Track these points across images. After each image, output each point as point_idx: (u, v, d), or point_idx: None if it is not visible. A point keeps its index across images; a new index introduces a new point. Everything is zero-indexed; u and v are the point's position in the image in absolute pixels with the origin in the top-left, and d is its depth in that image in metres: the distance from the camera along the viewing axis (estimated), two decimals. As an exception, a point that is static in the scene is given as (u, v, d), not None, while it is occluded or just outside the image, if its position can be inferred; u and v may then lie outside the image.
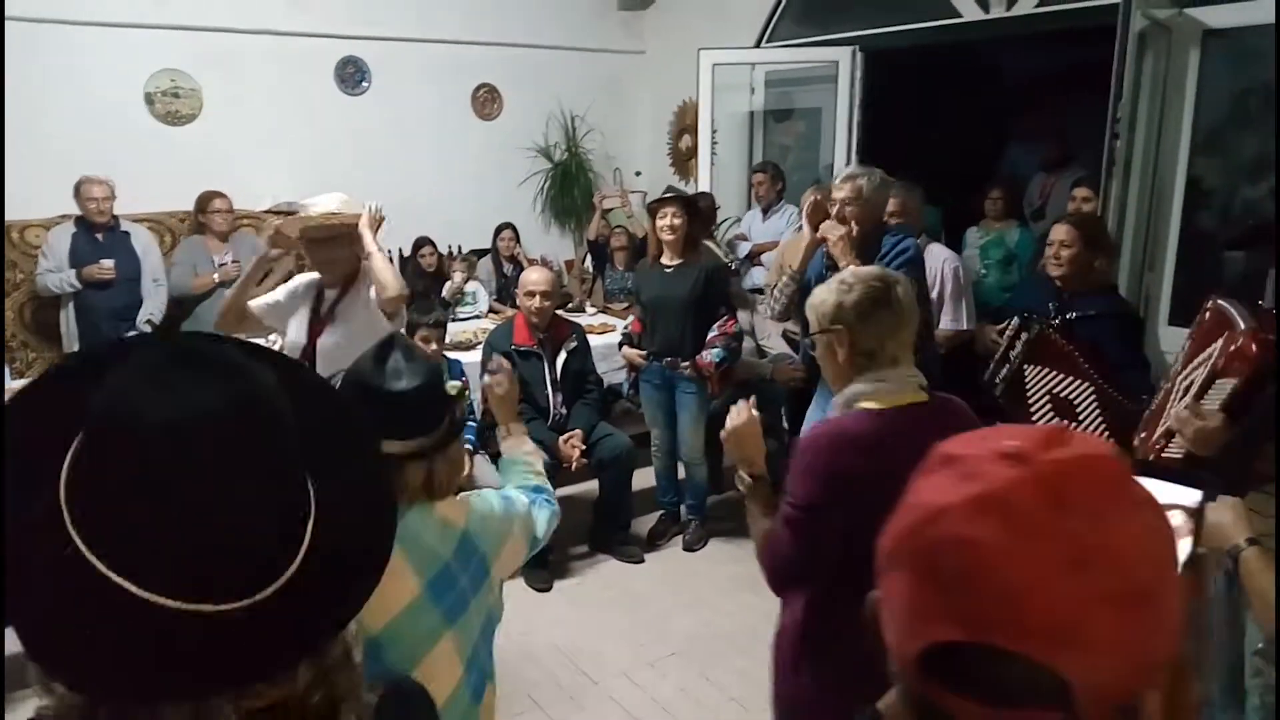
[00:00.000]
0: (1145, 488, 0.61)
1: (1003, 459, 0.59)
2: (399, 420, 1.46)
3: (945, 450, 0.65)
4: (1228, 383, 1.80)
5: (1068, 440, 0.61)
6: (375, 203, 3.15)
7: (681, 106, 6.84)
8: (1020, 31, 4.81)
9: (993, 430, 0.65)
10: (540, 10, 6.71)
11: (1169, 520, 0.62)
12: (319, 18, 5.87)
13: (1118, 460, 0.61)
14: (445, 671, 1.50)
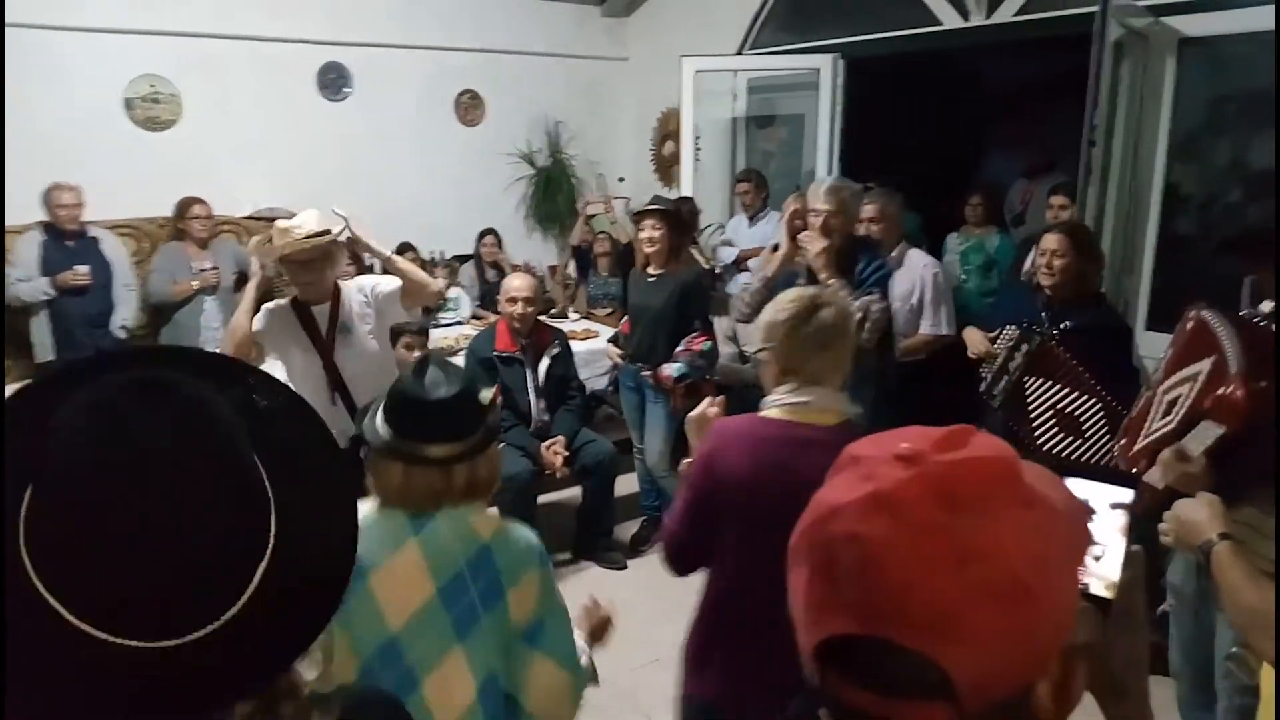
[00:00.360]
0: (1035, 489, 0.63)
1: (898, 460, 0.62)
2: (442, 426, 1.56)
3: (852, 451, 0.68)
4: (1213, 428, 1.76)
5: (965, 443, 0.64)
6: (340, 225, 3.06)
7: (665, 113, 6.85)
8: (1000, 39, 4.84)
9: (898, 432, 0.68)
10: (523, 17, 6.72)
11: (1060, 519, 0.64)
12: (300, 24, 5.85)
13: (1010, 462, 0.63)
14: (457, 687, 1.50)
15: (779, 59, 5.90)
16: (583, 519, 4.25)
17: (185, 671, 0.67)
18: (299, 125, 5.95)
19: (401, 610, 1.49)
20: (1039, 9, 4.48)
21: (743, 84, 6.19)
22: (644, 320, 4.04)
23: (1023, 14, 4.55)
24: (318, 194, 5.90)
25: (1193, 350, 1.99)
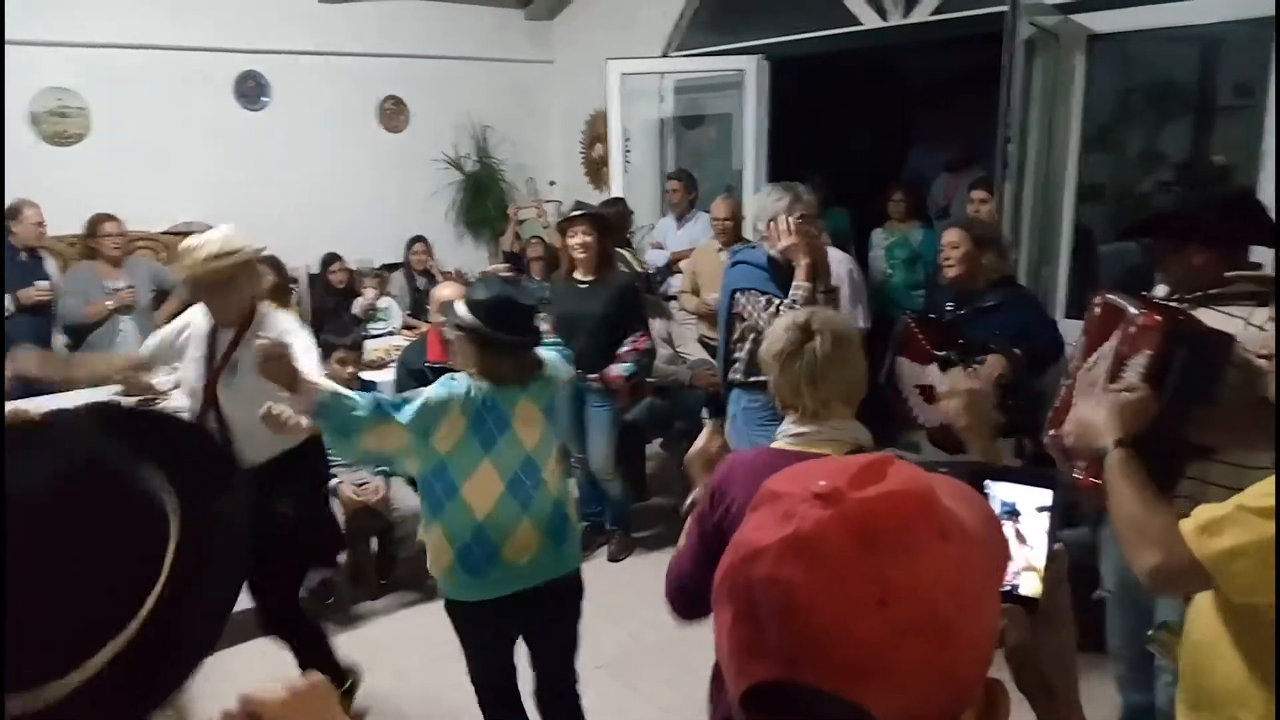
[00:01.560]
0: (953, 518, 0.63)
1: (816, 499, 0.61)
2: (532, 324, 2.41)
3: (770, 486, 0.67)
4: (1139, 358, 1.82)
5: (882, 475, 0.63)
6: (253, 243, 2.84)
7: (593, 115, 6.83)
8: (917, 38, 4.95)
9: (815, 465, 0.67)
10: (445, 21, 6.63)
11: (977, 546, 0.64)
12: (214, 33, 5.69)
13: (927, 494, 0.63)
14: (488, 487, 2.30)
15: (704, 61, 5.93)
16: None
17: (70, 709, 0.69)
18: (216, 136, 5.79)
19: (532, 436, 2.36)
20: (954, 8, 4.59)
21: (670, 85, 6.21)
22: (580, 328, 4.01)
23: (938, 13, 4.66)
24: (238, 206, 5.77)
25: (1104, 331, 2.05)
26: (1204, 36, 4.07)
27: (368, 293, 5.63)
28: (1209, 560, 1.30)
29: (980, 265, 3.18)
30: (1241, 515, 1.30)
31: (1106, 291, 2.11)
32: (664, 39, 6.15)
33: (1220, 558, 1.30)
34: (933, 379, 3.13)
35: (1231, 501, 1.34)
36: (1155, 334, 1.80)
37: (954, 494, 0.67)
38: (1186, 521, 1.35)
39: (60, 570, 0.68)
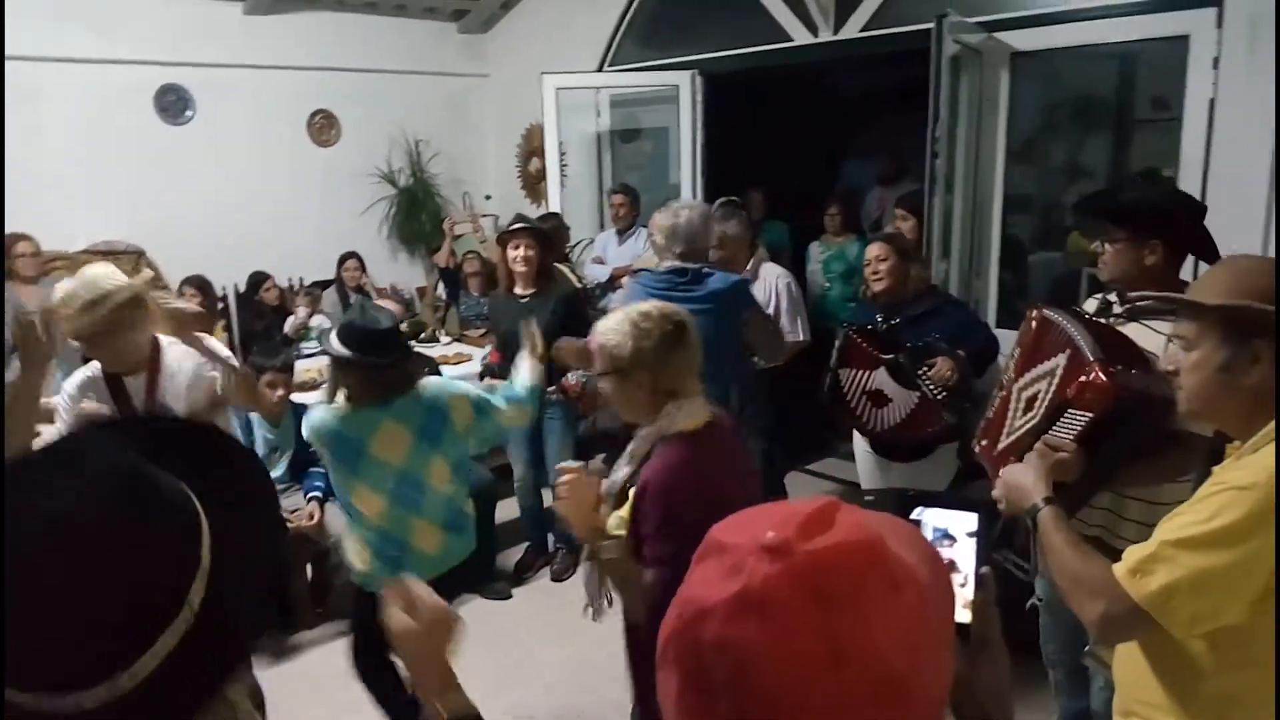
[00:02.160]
0: (902, 565, 0.62)
1: (764, 552, 0.59)
2: (388, 345, 2.51)
3: (716, 537, 0.64)
4: (1080, 415, 1.79)
5: (831, 523, 0.61)
6: (133, 279, 2.57)
7: (529, 129, 6.79)
8: (848, 54, 5.02)
9: (760, 513, 0.65)
10: (377, 34, 6.53)
11: (928, 593, 0.63)
12: (134, 45, 5.51)
13: (877, 544, 0.61)
14: (371, 500, 2.58)
15: (639, 76, 5.94)
16: (464, 550, 4.15)
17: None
18: (136, 151, 5.60)
19: (398, 454, 2.54)
20: (882, 25, 4.67)
21: (606, 99, 6.20)
22: None
23: (867, 30, 4.74)
24: (160, 224, 5.62)
25: (1042, 347, 2.06)
26: (1121, 54, 4.21)
27: (299, 311, 5.49)
28: (1146, 602, 1.32)
29: (907, 276, 3.24)
30: (1167, 551, 1.32)
31: (1043, 305, 2.12)
32: (599, 53, 6.15)
33: (1156, 598, 1.31)
34: (881, 383, 3.18)
35: (1155, 538, 1.36)
36: (1103, 400, 1.76)
37: (900, 536, 0.66)
38: (1118, 566, 1.37)
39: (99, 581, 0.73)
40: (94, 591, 0.72)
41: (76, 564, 0.71)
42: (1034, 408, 2.04)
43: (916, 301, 3.25)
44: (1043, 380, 2.03)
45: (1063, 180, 4.79)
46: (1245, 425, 1.39)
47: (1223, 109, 3.62)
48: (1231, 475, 1.32)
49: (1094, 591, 1.38)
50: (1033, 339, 2.12)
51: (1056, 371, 1.96)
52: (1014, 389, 2.15)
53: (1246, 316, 1.35)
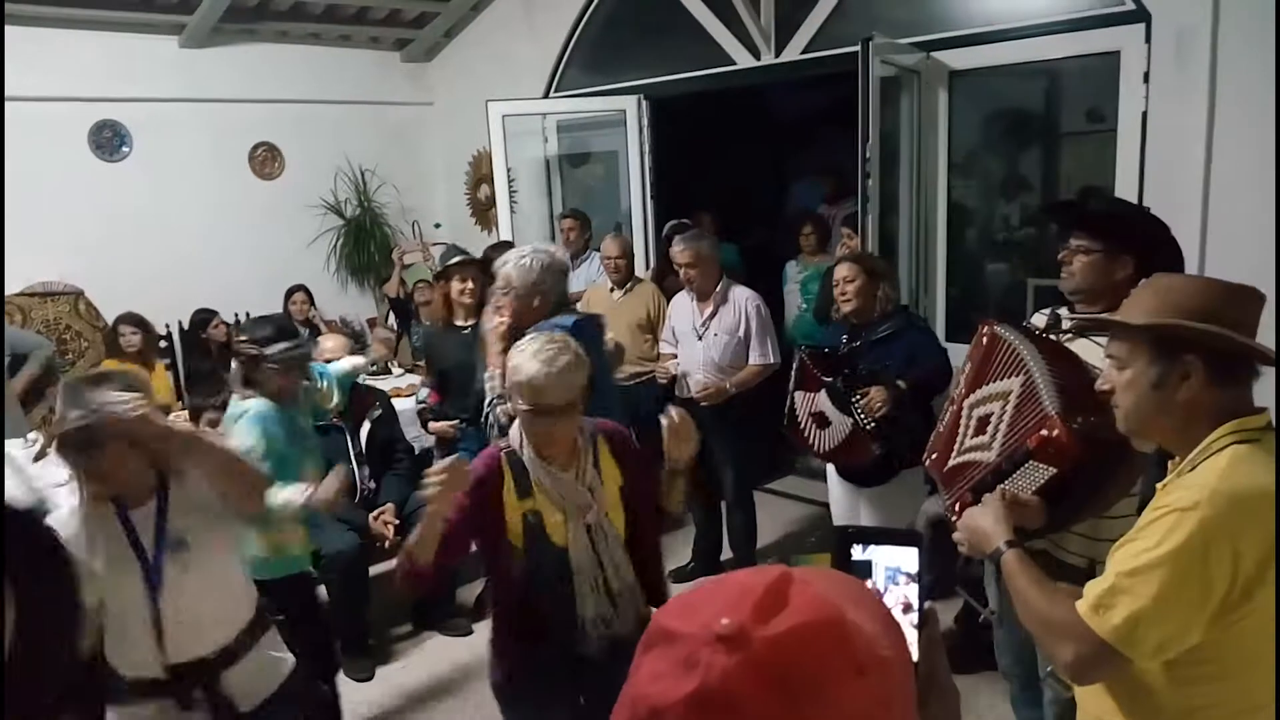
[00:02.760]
0: (862, 640, 0.58)
1: (720, 643, 0.55)
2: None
3: (663, 623, 0.60)
4: (1042, 468, 1.78)
5: (786, 601, 0.58)
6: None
7: (476, 156, 6.76)
8: (789, 77, 5.08)
9: (709, 594, 0.61)
10: (320, 64, 6.47)
11: (890, 668, 0.60)
12: (67, 81, 5.39)
13: (837, 623, 0.58)
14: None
15: (585, 101, 5.95)
16: (421, 587, 4.06)
17: None
18: (71, 190, 5.48)
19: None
20: (821, 48, 4.74)
21: (553, 124, 6.19)
22: (466, 376, 3.89)
23: (807, 52, 4.80)
24: (99, 263, 5.48)
25: (993, 366, 2.05)
26: (1056, 70, 4.31)
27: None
28: (1111, 636, 1.31)
29: (875, 297, 3.23)
30: (1124, 583, 1.32)
31: (993, 321, 2.12)
32: (544, 79, 6.15)
33: (1121, 631, 1.31)
34: (823, 406, 3.19)
35: (1110, 570, 1.36)
36: (1066, 457, 1.75)
37: (858, 602, 0.62)
38: (1080, 604, 1.36)
39: None
40: None
41: None
42: (987, 431, 2.02)
43: (883, 322, 3.24)
44: (995, 402, 2.02)
45: (1005, 194, 4.87)
46: (1182, 441, 1.41)
47: (1155, 122, 3.72)
48: (1174, 497, 1.33)
49: (1062, 634, 1.37)
50: (983, 355, 2.11)
51: (1010, 398, 1.95)
52: (965, 405, 2.15)
53: (1173, 334, 1.36)
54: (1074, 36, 3.89)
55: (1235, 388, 1.38)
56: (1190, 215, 3.64)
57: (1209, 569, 1.27)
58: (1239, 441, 1.33)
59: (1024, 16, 4.02)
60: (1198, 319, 1.35)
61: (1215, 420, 1.36)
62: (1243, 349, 1.35)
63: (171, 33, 5.77)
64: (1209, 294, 1.38)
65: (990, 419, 2.01)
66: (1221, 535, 1.26)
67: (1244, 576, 1.27)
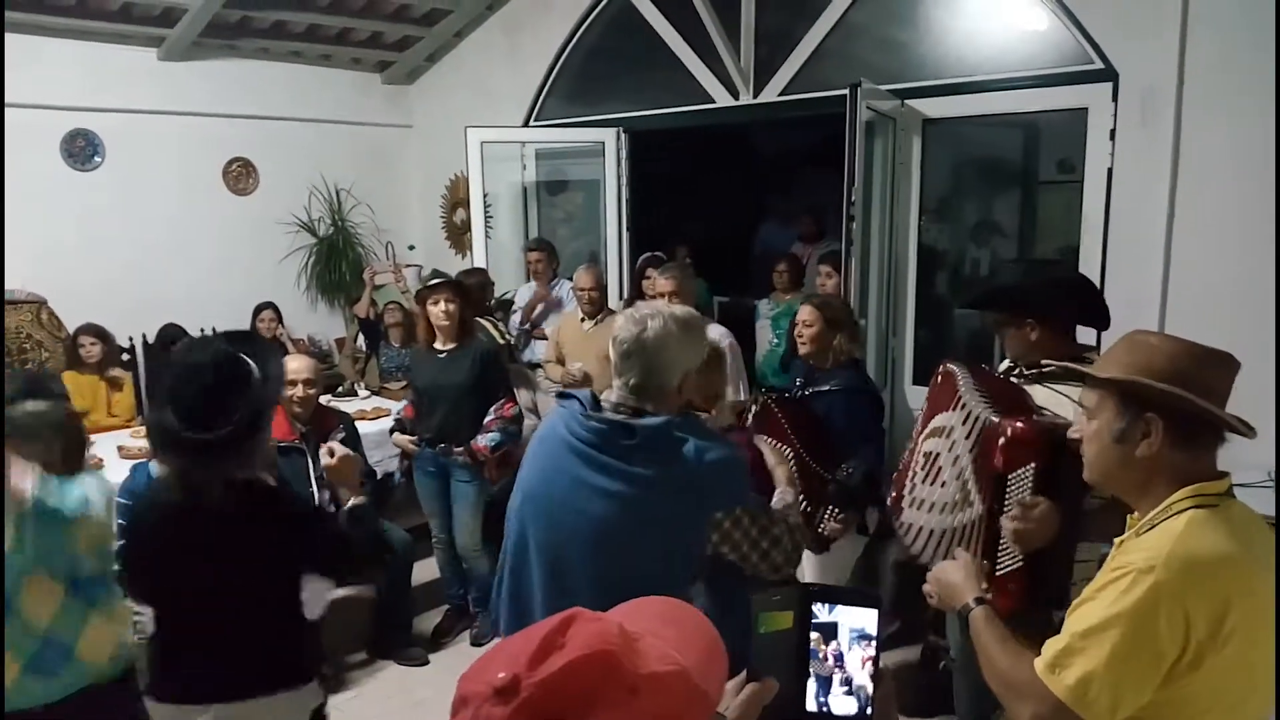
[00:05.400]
0: (641, 665, 0.63)
1: (497, 696, 0.60)
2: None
3: (459, 689, 0.65)
4: (1023, 472, 1.80)
5: (562, 642, 0.62)
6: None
7: (454, 179, 6.76)
8: (767, 117, 5.16)
9: (500, 649, 0.66)
10: (298, 83, 6.45)
11: (672, 682, 0.64)
12: (41, 88, 5.32)
13: (607, 653, 0.62)
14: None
15: (564, 131, 5.99)
16: (378, 614, 4.00)
17: (214, 447, 1.81)
18: (40, 198, 5.38)
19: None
20: (799, 90, 4.81)
21: (531, 151, 6.23)
22: (442, 398, 3.89)
23: (785, 94, 4.87)
24: (66, 272, 5.40)
25: (938, 402, 2.12)
26: (1025, 122, 4.41)
27: (211, 364, 5.29)
28: (1065, 695, 1.32)
29: (830, 345, 3.24)
30: (1078, 643, 1.33)
31: (949, 361, 2.19)
32: (524, 107, 6.18)
33: (1075, 690, 1.31)
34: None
35: (1066, 630, 1.37)
36: (1034, 448, 1.79)
37: (662, 617, 0.68)
38: (1038, 661, 1.37)
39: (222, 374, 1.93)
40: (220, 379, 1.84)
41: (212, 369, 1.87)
42: (935, 468, 2.06)
43: (831, 375, 3.23)
44: (936, 437, 2.07)
45: (975, 239, 4.96)
46: (1141, 497, 1.42)
47: (1120, 176, 3.82)
48: (1130, 558, 1.34)
49: (1022, 693, 1.38)
50: (937, 393, 2.18)
51: (952, 432, 1.99)
52: (919, 441, 2.20)
53: (1137, 391, 1.39)
54: (1044, 92, 3.99)
55: (1196, 451, 1.39)
56: (1152, 268, 3.73)
57: (1159, 632, 1.28)
58: (1198, 506, 1.35)
59: (996, 69, 4.12)
60: (1165, 379, 1.36)
61: (1175, 481, 1.38)
62: (1205, 414, 1.36)
63: (150, 45, 5.74)
64: (1179, 356, 1.39)
65: (934, 455, 2.07)
66: (1174, 600, 1.27)
67: (1195, 642, 1.28)
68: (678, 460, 1.82)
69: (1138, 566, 1.30)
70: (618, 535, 1.82)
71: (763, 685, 0.82)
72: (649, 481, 1.82)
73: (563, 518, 1.88)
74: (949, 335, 4.90)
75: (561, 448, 1.91)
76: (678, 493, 1.83)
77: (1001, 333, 2.34)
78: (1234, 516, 1.36)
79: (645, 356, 1.89)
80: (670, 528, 1.83)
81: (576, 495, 1.86)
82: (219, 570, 1.92)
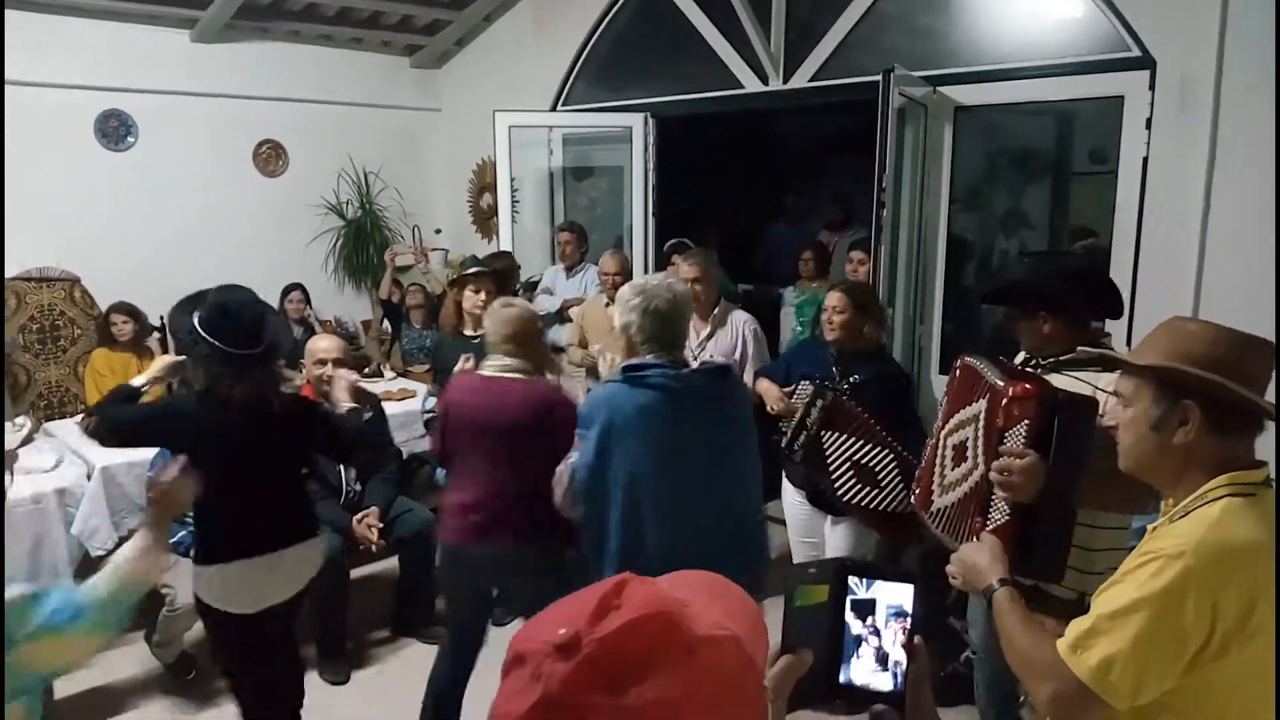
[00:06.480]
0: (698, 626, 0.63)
1: (557, 652, 0.60)
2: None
3: (515, 647, 0.65)
4: (1019, 429, 1.86)
5: (619, 602, 0.62)
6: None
7: (481, 164, 6.78)
8: (796, 103, 5.12)
9: (556, 610, 0.66)
10: (328, 66, 6.48)
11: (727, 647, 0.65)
12: (75, 69, 5.40)
13: (665, 615, 0.63)
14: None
15: (592, 116, 5.98)
16: (401, 593, 4.03)
17: (256, 362, 2.50)
18: (74, 177, 5.46)
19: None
20: (830, 76, 4.77)
21: (559, 136, 6.23)
22: None
23: (816, 80, 4.83)
24: (98, 251, 5.47)
25: (964, 394, 2.12)
26: (1058, 111, 4.35)
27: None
28: (1087, 676, 1.31)
29: (860, 331, 3.21)
30: (1104, 624, 1.32)
31: (966, 355, 2.19)
32: (552, 92, 6.18)
33: (1097, 672, 1.31)
34: (874, 461, 3.00)
35: (1093, 611, 1.36)
36: (1029, 403, 1.85)
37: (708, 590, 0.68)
38: (1061, 642, 1.36)
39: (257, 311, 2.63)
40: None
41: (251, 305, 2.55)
42: (963, 455, 2.08)
43: (868, 361, 3.19)
44: (967, 426, 2.09)
45: (1005, 230, 4.91)
46: (1177, 485, 1.41)
47: (1155, 167, 3.76)
48: (1161, 543, 1.33)
49: (1043, 673, 1.37)
50: (957, 387, 2.19)
51: (979, 416, 2.02)
52: (941, 437, 2.20)
53: (1174, 378, 1.37)
54: (1079, 79, 3.93)
55: (1234, 438, 1.37)
56: (1186, 260, 3.67)
57: (1186, 619, 1.26)
58: (1233, 494, 1.33)
59: (1030, 57, 4.07)
60: (1203, 366, 1.35)
61: (1211, 469, 1.36)
62: (1243, 401, 1.34)
63: (183, 26, 5.79)
64: (1218, 342, 1.38)
65: (965, 443, 2.07)
66: (1203, 587, 1.26)
67: (1221, 631, 1.26)
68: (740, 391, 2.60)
69: (1168, 552, 1.29)
70: (731, 457, 2.40)
71: (797, 657, 0.83)
72: (739, 412, 2.50)
73: (680, 466, 2.32)
74: (976, 325, 4.86)
75: (662, 407, 2.31)
76: (747, 418, 2.52)
77: (1015, 327, 2.34)
78: (1270, 506, 1.34)
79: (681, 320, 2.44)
80: (751, 445, 2.50)
81: (693, 440, 2.34)
82: (254, 456, 2.54)
